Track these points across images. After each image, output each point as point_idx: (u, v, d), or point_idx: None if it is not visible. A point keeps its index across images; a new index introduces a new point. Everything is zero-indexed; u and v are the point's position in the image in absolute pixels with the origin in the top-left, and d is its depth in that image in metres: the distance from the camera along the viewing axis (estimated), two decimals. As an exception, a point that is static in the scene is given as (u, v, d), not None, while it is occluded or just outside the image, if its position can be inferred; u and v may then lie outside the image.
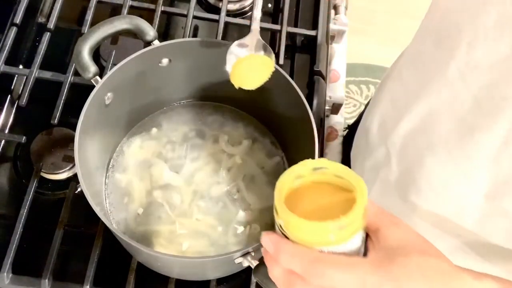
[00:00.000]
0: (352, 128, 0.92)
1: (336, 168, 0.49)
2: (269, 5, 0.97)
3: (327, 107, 0.90)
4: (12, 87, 0.84)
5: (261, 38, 0.67)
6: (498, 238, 0.61)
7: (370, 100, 0.88)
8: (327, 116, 0.92)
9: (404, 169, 0.67)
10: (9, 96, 0.83)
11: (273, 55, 0.66)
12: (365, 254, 0.47)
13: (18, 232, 0.70)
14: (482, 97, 0.53)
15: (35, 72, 0.81)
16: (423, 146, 0.63)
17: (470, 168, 0.58)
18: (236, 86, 0.65)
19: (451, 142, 0.59)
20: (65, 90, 0.79)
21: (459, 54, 0.54)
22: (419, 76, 0.63)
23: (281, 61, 0.86)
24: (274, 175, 0.76)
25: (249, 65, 0.65)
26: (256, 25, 0.67)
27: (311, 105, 0.81)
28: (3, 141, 0.79)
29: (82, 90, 0.68)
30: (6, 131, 0.81)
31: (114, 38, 0.88)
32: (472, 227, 0.62)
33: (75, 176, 0.76)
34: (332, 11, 1.00)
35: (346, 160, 0.89)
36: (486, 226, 0.61)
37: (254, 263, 0.59)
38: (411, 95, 0.64)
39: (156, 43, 0.69)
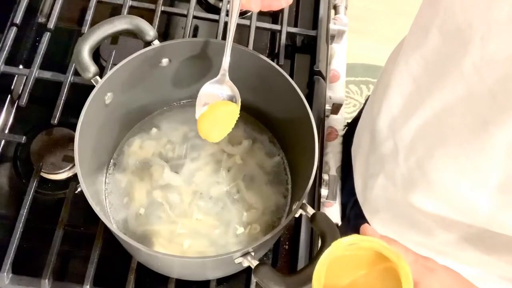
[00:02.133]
0: (352, 125, 0.92)
1: (371, 244, 0.48)
2: (269, 5, 0.97)
3: (327, 107, 0.89)
4: (12, 87, 0.84)
5: (229, 80, 0.66)
6: (510, 230, 0.61)
7: (369, 95, 0.88)
8: (327, 116, 0.92)
9: (413, 164, 0.67)
10: (9, 96, 0.83)
11: (239, 101, 0.66)
12: None
13: (18, 232, 0.70)
14: (497, 90, 0.53)
15: (35, 72, 0.81)
16: (434, 140, 0.63)
17: (483, 161, 0.58)
18: (203, 137, 0.66)
19: (464, 135, 0.58)
20: (65, 90, 0.79)
21: (473, 48, 0.54)
22: (430, 71, 0.63)
23: (281, 61, 0.86)
24: (274, 175, 0.76)
25: (214, 118, 0.66)
26: (225, 64, 0.66)
27: (311, 105, 0.81)
28: (3, 141, 0.80)
29: (82, 90, 0.68)
30: (6, 131, 0.81)
31: (114, 38, 0.88)
32: (483, 219, 0.62)
33: (75, 176, 0.76)
34: (332, 11, 0.99)
35: (346, 157, 0.89)
36: (498, 218, 0.61)
37: (254, 263, 0.59)
38: (423, 91, 0.64)
39: (156, 43, 0.69)
